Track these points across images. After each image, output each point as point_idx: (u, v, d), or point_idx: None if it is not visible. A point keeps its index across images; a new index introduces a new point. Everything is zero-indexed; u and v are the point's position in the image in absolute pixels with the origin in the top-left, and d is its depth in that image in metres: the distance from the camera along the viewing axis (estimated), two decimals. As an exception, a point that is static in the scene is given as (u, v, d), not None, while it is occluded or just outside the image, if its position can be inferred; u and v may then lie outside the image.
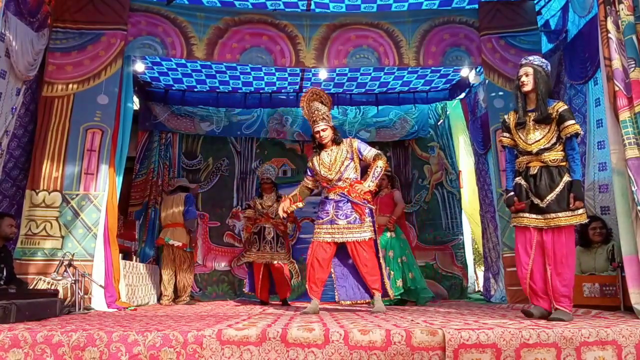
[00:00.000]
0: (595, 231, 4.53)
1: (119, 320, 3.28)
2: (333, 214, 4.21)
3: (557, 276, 3.20)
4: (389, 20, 5.72)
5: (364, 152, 4.30)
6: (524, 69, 3.41)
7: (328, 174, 4.25)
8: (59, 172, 4.91)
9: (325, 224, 4.21)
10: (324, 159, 4.30)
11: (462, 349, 2.38)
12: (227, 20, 5.63)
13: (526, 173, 3.38)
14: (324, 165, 4.28)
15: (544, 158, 3.31)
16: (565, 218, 3.21)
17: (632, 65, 3.47)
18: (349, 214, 4.18)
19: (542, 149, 3.31)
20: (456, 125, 7.82)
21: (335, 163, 4.25)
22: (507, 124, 3.51)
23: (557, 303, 3.20)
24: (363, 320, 3.23)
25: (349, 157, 4.26)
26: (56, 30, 5.20)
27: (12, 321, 2.96)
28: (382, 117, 7.95)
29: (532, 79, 3.36)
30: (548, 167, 3.30)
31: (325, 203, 4.31)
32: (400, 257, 5.80)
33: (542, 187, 3.28)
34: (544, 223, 3.28)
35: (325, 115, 4.31)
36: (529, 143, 3.36)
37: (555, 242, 3.23)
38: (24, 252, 4.69)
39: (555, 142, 3.30)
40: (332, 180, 4.25)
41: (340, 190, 4.23)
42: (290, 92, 7.52)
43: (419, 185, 8.02)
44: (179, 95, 7.45)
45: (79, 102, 5.10)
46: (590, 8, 4.65)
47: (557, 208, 3.22)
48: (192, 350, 2.40)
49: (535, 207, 3.30)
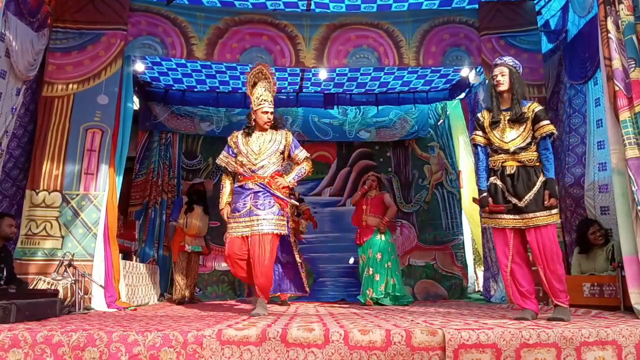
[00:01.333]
0: (595, 235, 4.54)
1: (119, 320, 3.28)
2: (251, 204, 3.85)
3: (551, 274, 3.20)
4: (389, 20, 5.72)
5: (296, 150, 4.08)
6: (499, 69, 3.42)
7: (253, 159, 3.92)
8: (59, 172, 4.91)
9: (243, 216, 3.85)
10: (253, 143, 3.98)
11: (462, 349, 2.38)
12: (227, 20, 5.63)
13: (502, 172, 3.36)
14: (252, 150, 3.95)
15: (520, 157, 3.31)
16: (543, 217, 3.22)
17: (632, 65, 3.47)
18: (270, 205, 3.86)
19: (519, 148, 3.31)
20: (456, 125, 7.82)
21: (265, 150, 3.95)
22: (481, 122, 3.50)
23: (556, 299, 3.19)
24: (363, 320, 3.23)
25: (280, 149, 4.00)
26: (56, 30, 5.20)
27: (12, 321, 2.96)
28: (382, 117, 7.95)
29: (507, 78, 3.38)
30: (525, 166, 3.30)
31: (241, 194, 3.91)
32: (387, 262, 5.83)
33: (519, 186, 3.27)
34: (523, 223, 3.28)
35: (271, 98, 4.05)
36: (505, 141, 3.35)
37: (540, 241, 3.22)
38: (24, 252, 4.69)
39: (530, 142, 3.31)
40: (254, 168, 3.92)
41: (259, 179, 3.91)
42: (290, 92, 7.51)
43: (419, 185, 8.02)
44: (179, 95, 7.45)
45: (79, 102, 5.10)
46: (590, 8, 4.65)
47: (535, 208, 3.23)
48: (192, 350, 2.40)
49: (513, 207, 3.29)
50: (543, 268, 3.21)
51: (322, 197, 7.99)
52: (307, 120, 7.87)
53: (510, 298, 3.41)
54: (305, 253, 7.15)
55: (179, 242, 6.18)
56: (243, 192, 3.91)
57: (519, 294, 3.33)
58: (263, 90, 4.02)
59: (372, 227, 5.95)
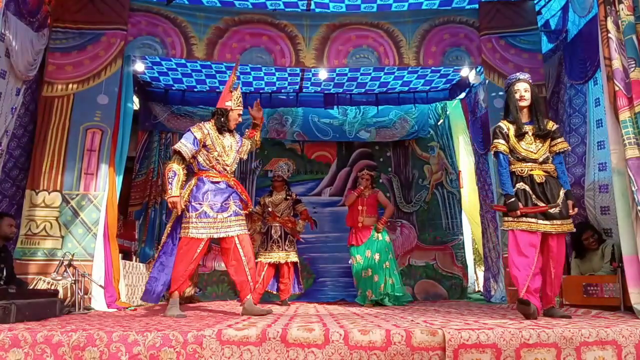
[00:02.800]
0: (588, 240, 4.62)
1: (119, 320, 3.28)
2: (232, 203, 3.91)
3: (557, 278, 3.45)
4: (389, 20, 5.72)
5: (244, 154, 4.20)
6: (523, 85, 3.66)
7: (226, 158, 3.98)
8: (58, 172, 4.91)
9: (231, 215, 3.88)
10: (224, 140, 4.01)
11: (462, 349, 2.38)
12: (227, 20, 5.63)
13: (531, 180, 3.55)
14: (223, 147, 3.98)
15: (546, 168, 3.56)
16: (567, 226, 3.47)
17: (632, 65, 3.47)
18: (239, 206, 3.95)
19: (544, 160, 3.57)
20: (456, 125, 7.82)
21: (232, 150, 4.03)
22: (505, 132, 3.66)
23: (552, 302, 3.44)
24: (363, 320, 3.23)
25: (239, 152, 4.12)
26: (56, 30, 5.20)
27: (12, 321, 2.96)
28: (382, 117, 7.95)
29: (530, 95, 3.63)
30: (551, 176, 3.56)
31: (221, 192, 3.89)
32: (385, 262, 5.80)
33: (549, 194, 3.49)
34: (553, 229, 3.46)
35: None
36: (533, 152, 3.59)
37: (560, 247, 3.46)
38: (24, 252, 4.69)
39: (549, 156, 3.61)
40: (227, 167, 3.99)
41: (230, 180, 4.00)
42: (290, 92, 7.51)
43: (419, 185, 8.02)
44: (179, 95, 7.45)
45: (79, 102, 5.10)
46: (590, 8, 4.65)
47: (564, 215, 3.47)
48: (192, 350, 2.40)
49: (543, 213, 3.47)
50: (555, 271, 3.44)
51: (322, 197, 7.98)
52: (307, 120, 7.87)
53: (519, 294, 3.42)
54: (305, 253, 7.16)
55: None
56: (223, 191, 3.90)
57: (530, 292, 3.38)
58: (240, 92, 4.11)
59: (369, 227, 5.91)
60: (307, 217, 6.07)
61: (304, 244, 6.60)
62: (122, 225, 6.60)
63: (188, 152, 3.86)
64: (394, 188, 8.01)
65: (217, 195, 3.88)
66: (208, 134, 3.93)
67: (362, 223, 5.91)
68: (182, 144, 3.88)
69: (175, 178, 3.82)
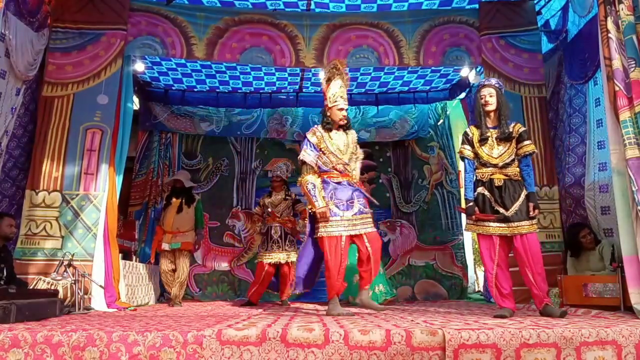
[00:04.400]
0: (586, 239, 4.64)
1: (119, 320, 3.28)
2: (357, 202, 3.88)
3: (538, 275, 3.53)
4: (389, 20, 5.72)
5: (359, 148, 4.18)
6: (487, 90, 3.75)
7: (344, 157, 3.97)
8: (58, 172, 4.91)
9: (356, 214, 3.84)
10: (337, 140, 3.99)
11: (462, 349, 2.38)
12: (227, 20, 5.63)
13: (490, 184, 3.67)
14: (338, 147, 3.97)
15: (507, 172, 3.67)
16: (527, 226, 3.57)
17: (632, 65, 3.47)
18: (364, 205, 3.93)
19: (506, 163, 3.67)
20: (456, 125, 7.81)
21: (348, 148, 4.02)
22: (470, 137, 3.82)
23: (544, 299, 3.50)
24: (363, 320, 3.23)
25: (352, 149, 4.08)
26: (56, 30, 5.20)
27: (12, 321, 2.96)
28: (382, 117, 7.94)
29: (495, 99, 3.73)
30: (511, 180, 3.66)
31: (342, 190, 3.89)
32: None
33: (507, 197, 3.62)
34: (509, 231, 3.60)
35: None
36: (493, 156, 3.68)
37: (527, 246, 3.54)
38: (24, 252, 4.69)
39: (513, 159, 3.69)
40: (347, 165, 3.97)
41: (350, 179, 3.99)
42: (290, 92, 7.51)
43: (419, 185, 8.01)
44: (179, 95, 7.44)
45: (79, 102, 5.10)
46: (590, 8, 4.65)
47: (519, 217, 3.57)
48: (192, 350, 2.40)
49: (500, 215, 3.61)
50: (531, 270, 3.53)
51: (322, 197, 7.96)
52: (307, 120, 7.86)
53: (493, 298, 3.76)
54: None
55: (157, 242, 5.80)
56: (344, 189, 3.90)
57: (500, 295, 3.65)
58: (338, 87, 4.05)
59: None
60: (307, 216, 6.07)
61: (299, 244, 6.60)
62: (122, 225, 6.59)
63: (313, 159, 3.95)
64: (394, 188, 8.01)
65: (341, 193, 3.89)
66: (322, 136, 3.99)
67: None
68: (305, 153, 3.97)
69: (316, 189, 3.88)
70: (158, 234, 5.84)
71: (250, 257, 7.48)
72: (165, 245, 5.71)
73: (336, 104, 4.02)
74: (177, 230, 5.73)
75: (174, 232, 5.73)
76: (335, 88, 4.05)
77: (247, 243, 7.65)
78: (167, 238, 5.73)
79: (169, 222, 5.73)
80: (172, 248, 5.72)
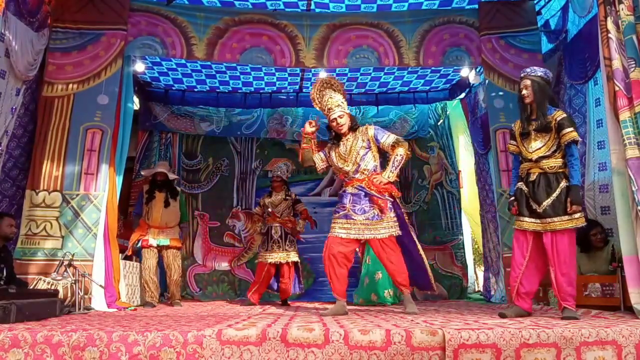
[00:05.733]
0: (596, 237, 4.54)
1: (119, 320, 3.28)
2: (349, 208, 3.96)
3: (562, 276, 3.35)
4: (389, 20, 5.72)
5: (382, 139, 4.02)
6: (523, 82, 3.60)
7: (344, 166, 4.02)
8: (59, 172, 4.91)
9: (340, 218, 3.98)
10: (340, 150, 4.07)
11: (462, 349, 2.38)
12: (227, 20, 5.63)
13: (527, 179, 3.55)
14: (340, 157, 4.05)
15: (542, 165, 3.49)
16: (561, 222, 3.37)
17: (632, 65, 3.47)
18: (367, 209, 3.95)
19: (542, 157, 3.50)
20: (456, 125, 7.82)
21: (350, 153, 4.01)
22: (513, 132, 3.71)
23: (564, 302, 3.33)
24: (363, 320, 3.23)
25: (365, 146, 4.01)
26: (56, 30, 5.20)
27: (12, 321, 2.96)
28: (382, 117, 7.93)
29: (530, 91, 3.53)
30: (546, 173, 3.47)
31: (342, 197, 4.07)
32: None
33: (539, 192, 3.45)
34: (542, 227, 3.45)
35: (340, 101, 4.09)
36: (529, 151, 3.55)
37: (556, 244, 3.37)
38: (24, 252, 4.69)
39: (556, 150, 3.47)
40: (349, 173, 4.02)
41: (357, 182, 3.99)
42: (290, 92, 7.51)
43: (419, 185, 8.01)
44: (179, 95, 7.45)
45: (79, 102, 5.09)
46: (590, 8, 4.65)
47: (552, 213, 3.39)
48: (192, 350, 2.40)
49: (534, 211, 3.47)
50: (555, 270, 3.36)
51: (322, 197, 7.98)
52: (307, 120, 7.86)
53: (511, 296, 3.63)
54: (305, 253, 7.15)
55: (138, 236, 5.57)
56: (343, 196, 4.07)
57: (517, 292, 3.52)
58: (327, 98, 4.10)
59: None
60: (307, 216, 6.07)
61: (304, 243, 6.60)
62: (122, 225, 6.59)
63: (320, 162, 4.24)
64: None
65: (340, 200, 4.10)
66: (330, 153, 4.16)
67: None
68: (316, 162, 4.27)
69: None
70: (142, 228, 5.62)
71: (251, 257, 7.49)
72: (152, 241, 5.56)
73: (330, 116, 4.07)
74: (165, 225, 5.60)
75: (162, 227, 5.59)
76: (324, 102, 4.10)
77: (247, 243, 7.66)
78: (153, 233, 5.58)
79: (157, 217, 5.57)
80: (160, 245, 5.61)
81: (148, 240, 5.58)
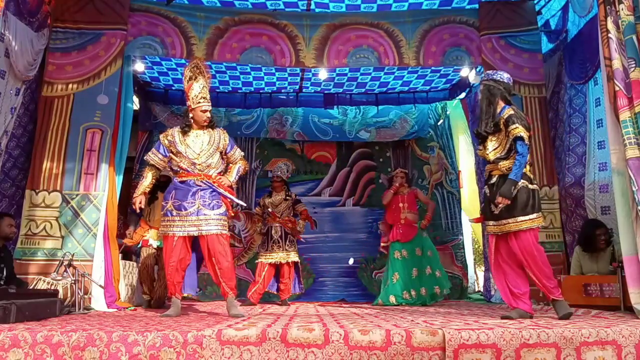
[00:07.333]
0: (600, 238, 4.52)
1: (119, 320, 3.28)
2: (199, 203, 3.81)
3: (538, 274, 3.29)
4: (389, 20, 5.72)
5: (232, 150, 4.07)
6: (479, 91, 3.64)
7: (195, 158, 3.88)
8: (58, 172, 4.91)
9: (192, 215, 3.79)
10: (190, 141, 3.93)
11: (462, 349, 2.38)
12: (227, 20, 5.63)
13: (488, 181, 3.53)
14: (190, 147, 3.90)
15: (501, 167, 3.42)
16: (516, 224, 3.31)
17: (632, 65, 3.47)
18: (216, 205, 3.86)
19: (499, 158, 3.43)
20: (456, 125, 7.82)
21: (207, 149, 3.93)
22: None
23: (551, 295, 3.31)
24: (363, 320, 3.23)
25: (220, 147, 3.99)
26: (56, 30, 5.20)
27: (12, 321, 2.96)
28: (382, 117, 7.94)
29: (482, 95, 3.56)
30: (505, 175, 3.37)
31: (185, 190, 3.84)
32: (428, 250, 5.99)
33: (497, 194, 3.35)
34: (498, 229, 3.42)
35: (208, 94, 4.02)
36: (487, 153, 3.51)
37: (518, 245, 3.32)
38: (24, 252, 4.69)
39: (510, 150, 3.37)
40: (197, 165, 3.89)
41: (205, 178, 3.89)
42: (290, 92, 7.51)
43: (419, 185, 8.00)
44: (179, 95, 7.43)
45: (79, 102, 5.09)
46: (590, 8, 4.65)
47: (507, 214, 3.34)
48: (192, 350, 2.40)
49: (493, 213, 3.44)
50: (529, 269, 3.33)
51: (321, 198, 7.98)
52: (307, 120, 7.87)
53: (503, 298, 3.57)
54: (305, 253, 7.16)
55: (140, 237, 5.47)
56: (189, 190, 3.85)
57: (511, 294, 3.45)
58: (200, 87, 3.97)
59: (412, 224, 6.02)
60: (307, 216, 6.08)
61: (304, 243, 6.60)
62: (122, 225, 6.58)
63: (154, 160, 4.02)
64: (394, 188, 8.01)
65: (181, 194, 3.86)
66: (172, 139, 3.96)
67: (404, 219, 6.02)
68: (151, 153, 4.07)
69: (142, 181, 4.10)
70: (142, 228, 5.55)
71: (250, 257, 7.48)
72: (152, 242, 5.50)
73: (199, 105, 3.93)
74: None
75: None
76: (198, 89, 3.96)
77: (247, 243, 7.66)
78: (154, 234, 5.51)
79: (158, 218, 5.38)
80: (160, 247, 5.43)
81: (148, 240, 5.54)
